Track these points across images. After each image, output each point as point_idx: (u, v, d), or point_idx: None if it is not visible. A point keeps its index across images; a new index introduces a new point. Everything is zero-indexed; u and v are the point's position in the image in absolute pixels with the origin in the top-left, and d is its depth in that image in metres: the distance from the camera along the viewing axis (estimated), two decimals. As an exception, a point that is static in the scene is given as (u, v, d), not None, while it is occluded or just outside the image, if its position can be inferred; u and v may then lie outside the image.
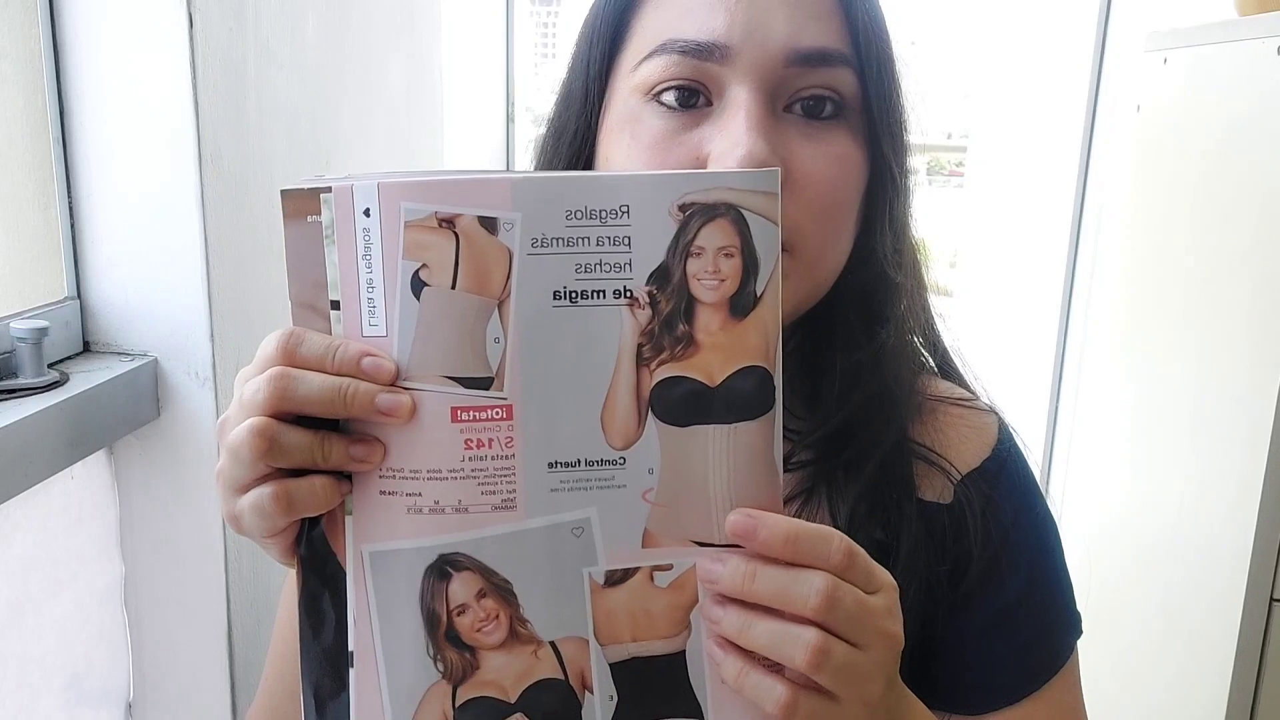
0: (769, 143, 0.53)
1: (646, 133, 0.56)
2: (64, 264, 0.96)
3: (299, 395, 0.43)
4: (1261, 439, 1.19)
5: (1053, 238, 2.31)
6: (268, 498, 0.43)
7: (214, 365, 0.97)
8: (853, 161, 0.57)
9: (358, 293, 0.43)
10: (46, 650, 0.91)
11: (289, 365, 0.43)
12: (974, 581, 0.61)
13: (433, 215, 0.42)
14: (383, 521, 0.44)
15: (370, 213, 0.42)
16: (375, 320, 0.43)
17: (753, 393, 0.44)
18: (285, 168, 1.11)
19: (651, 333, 0.43)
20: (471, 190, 0.42)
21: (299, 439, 0.43)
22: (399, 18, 1.44)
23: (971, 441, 0.65)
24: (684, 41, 0.55)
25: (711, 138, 0.54)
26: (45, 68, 0.92)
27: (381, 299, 0.43)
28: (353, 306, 0.43)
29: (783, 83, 0.55)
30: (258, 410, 0.43)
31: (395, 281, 0.42)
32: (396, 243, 0.42)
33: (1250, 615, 1.22)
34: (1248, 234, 1.28)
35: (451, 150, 1.76)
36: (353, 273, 0.43)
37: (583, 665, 0.46)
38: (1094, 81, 2.17)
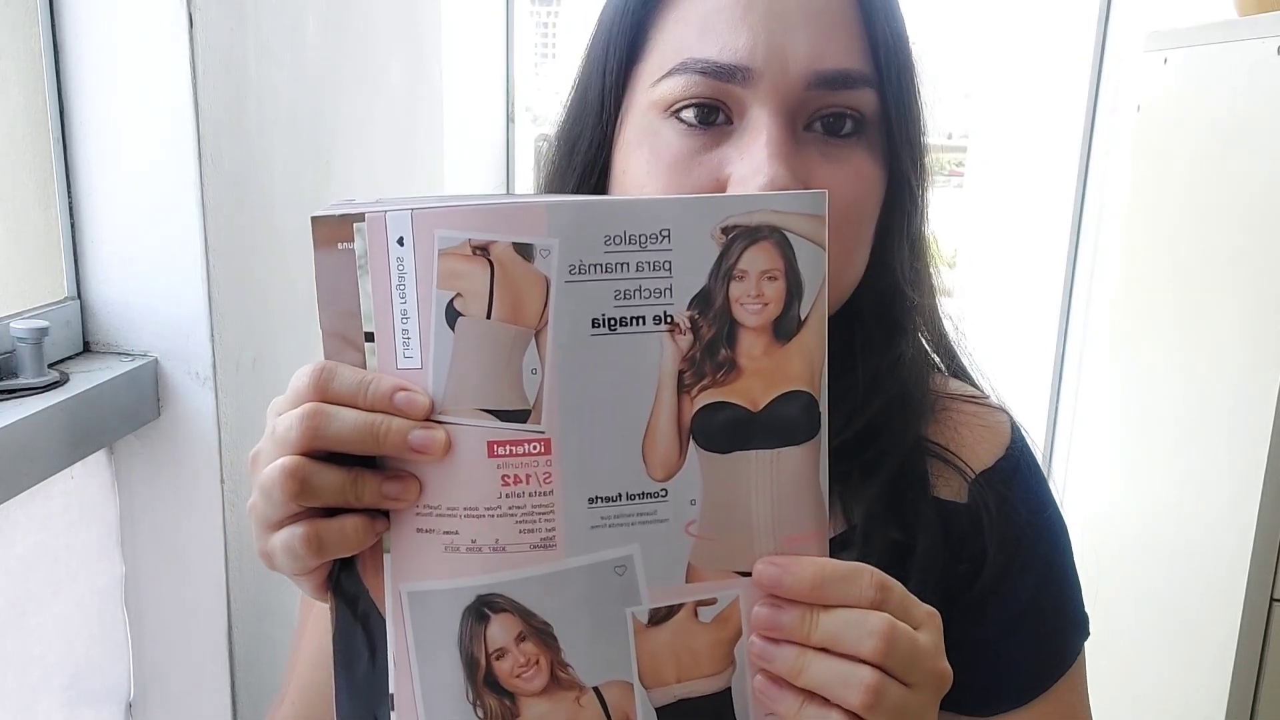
0: (789, 168, 0.53)
1: (666, 150, 0.56)
2: (64, 264, 0.96)
3: (331, 432, 0.42)
4: (1261, 438, 1.19)
5: (1053, 238, 2.31)
6: (299, 539, 0.42)
7: (214, 365, 0.97)
8: (871, 178, 0.57)
9: (392, 324, 0.41)
10: (47, 650, 0.91)
11: (321, 400, 0.42)
12: (988, 582, 0.61)
13: (466, 243, 0.40)
14: (420, 560, 0.43)
15: (404, 241, 0.41)
16: (410, 352, 0.42)
17: (797, 417, 0.43)
18: (285, 168, 1.11)
19: (693, 359, 0.42)
20: (506, 216, 0.40)
21: (332, 478, 0.42)
22: (399, 18, 1.44)
23: (985, 440, 0.65)
24: (704, 62, 0.54)
25: (731, 159, 0.54)
26: (45, 68, 0.92)
27: (416, 330, 0.41)
28: (387, 339, 0.42)
29: (804, 104, 0.54)
30: (290, 448, 0.42)
31: (430, 312, 0.41)
32: (431, 272, 0.41)
33: (1250, 615, 1.22)
34: (1248, 233, 1.28)
35: (451, 150, 1.76)
36: (386, 304, 0.41)
37: (628, 710, 0.44)
38: (1094, 81, 2.17)
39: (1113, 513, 1.66)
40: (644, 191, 0.57)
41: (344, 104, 1.25)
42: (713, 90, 0.54)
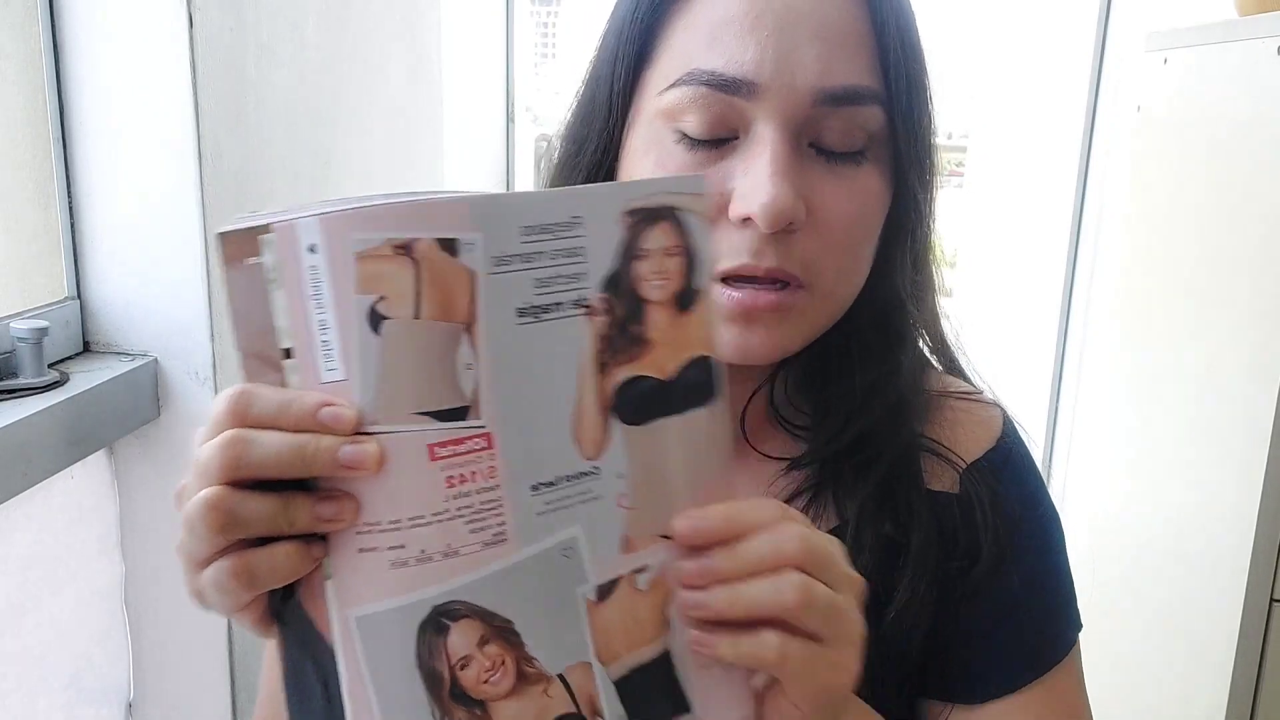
0: (792, 185, 0.53)
1: (671, 161, 0.56)
2: (64, 264, 0.96)
3: (254, 459, 0.39)
4: (1261, 439, 1.19)
5: (1053, 238, 2.31)
6: (227, 573, 0.40)
7: (214, 365, 0.97)
8: (875, 195, 0.57)
9: (311, 337, 0.40)
10: (47, 649, 0.91)
11: (241, 426, 0.40)
12: (981, 572, 0.61)
13: (386, 243, 0.39)
14: (366, 582, 0.41)
15: (316, 249, 0.39)
16: (333, 364, 0.40)
17: (702, 380, 0.46)
18: (285, 168, 1.11)
19: (609, 338, 0.43)
20: (426, 213, 0.40)
21: (259, 506, 0.39)
22: (399, 18, 1.44)
23: (977, 433, 0.65)
24: (710, 74, 0.54)
25: (735, 174, 0.54)
26: (45, 68, 0.92)
27: (337, 341, 0.39)
28: (306, 353, 0.40)
29: (809, 120, 0.54)
30: (211, 479, 0.39)
31: (351, 320, 0.39)
32: (348, 278, 0.39)
33: (1250, 615, 1.22)
34: (1248, 234, 1.28)
35: (451, 150, 1.76)
36: (303, 316, 0.39)
37: (590, 691, 0.44)
38: (1094, 81, 2.17)
39: (1113, 513, 1.66)
40: None
41: (344, 104, 1.25)
42: (718, 103, 0.54)
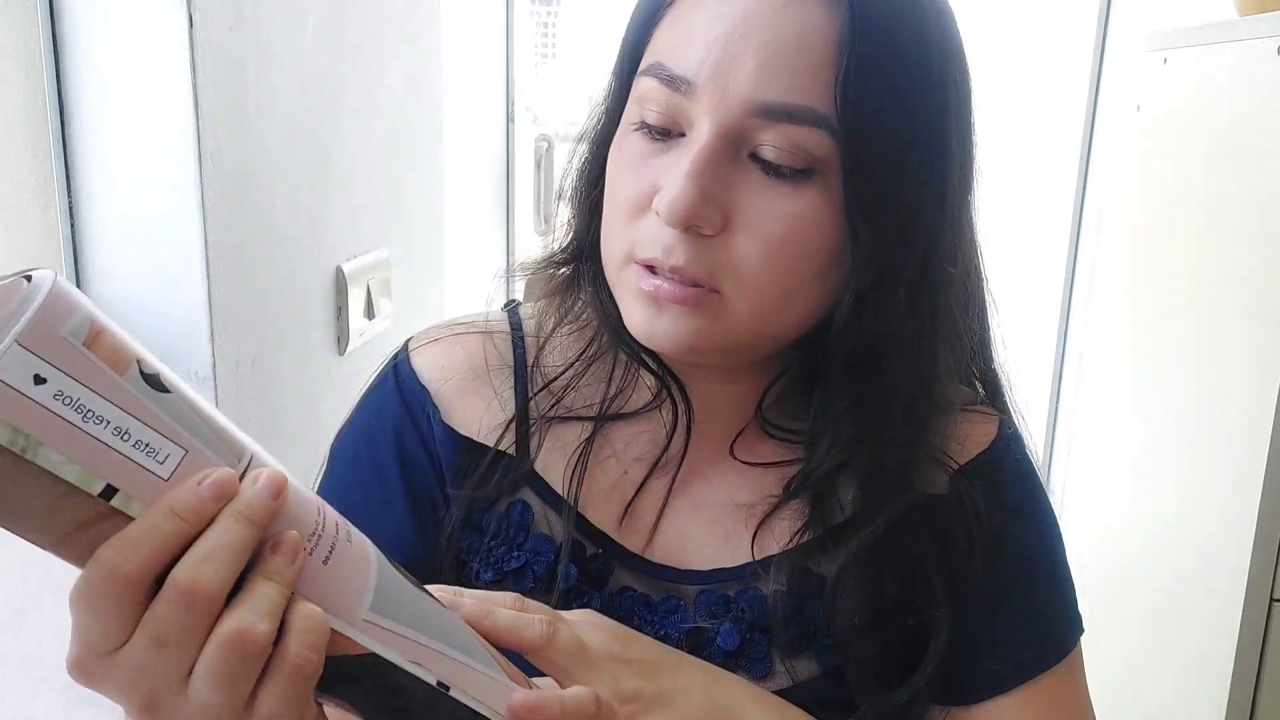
0: (701, 187, 0.53)
1: (628, 150, 0.58)
2: (64, 264, 0.96)
3: (217, 584, 0.36)
4: (1261, 439, 1.19)
5: (1053, 238, 2.31)
6: (306, 675, 0.37)
7: (214, 365, 0.97)
8: (814, 222, 0.54)
9: (121, 454, 0.34)
10: (47, 649, 0.91)
11: (138, 576, 0.35)
12: (971, 572, 0.61)
13: (88, 320, 0.34)
14: (344, 584, 0.41)
15: (43, 377, 0.32)
16: (162, 455, 0.35)
17: None
18: (285, 168, 1.11)
19: None
20: (64, 293, 0.34)
21: (268, 630, 0.36)
22: (399, 18, 1.44)
23: (972, 436, 0.65)
24: (663, 69, 0.55)
25: (668, 170, 0.55)
26: (45, 68, 0.92)
27: (141, 431, 0.35)
28: (130, 471, 0.35)
29: (745, 131, 0.54)
30: (264, 622, 0.36)
31: (139, 402, 0.35)
32: (97, 371, 0.34)
33: (1250, 615, 1.22)
34: (1248, 234, 1.28)
35: (451, 150, 1.76)
36: (93, 444, 0.34)
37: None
38: (1094, 81, 2.17)
39: (1112, 513, 1.66)
40: (609, 183, 0.59)
41: (344, 104, 1.25)
42: (666, 97, 0.55)
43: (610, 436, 0.65)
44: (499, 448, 0.64)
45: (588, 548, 0.63)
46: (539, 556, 0.62)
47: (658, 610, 0.62)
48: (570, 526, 0.62)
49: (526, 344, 0.68)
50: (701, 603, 0.62)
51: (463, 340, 0.67)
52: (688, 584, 0.63)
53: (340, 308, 1.26)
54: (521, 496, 0.64)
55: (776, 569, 0.61)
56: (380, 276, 1.37)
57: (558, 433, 0.65)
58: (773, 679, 0.61)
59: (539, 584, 0.62)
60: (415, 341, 0.69)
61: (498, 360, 0.67)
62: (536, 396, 0.65)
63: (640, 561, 0.63)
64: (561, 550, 0.62)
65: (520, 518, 0.63)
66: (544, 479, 0.64)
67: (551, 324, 0.67)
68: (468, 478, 0.64)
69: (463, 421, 0.65)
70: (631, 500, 0.64)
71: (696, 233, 0.54)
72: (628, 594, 0.63)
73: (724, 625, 0.61)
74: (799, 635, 0.61)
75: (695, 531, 0.64)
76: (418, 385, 0.66)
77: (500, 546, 0.63)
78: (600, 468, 0.65)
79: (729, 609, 0.62)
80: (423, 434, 0.65)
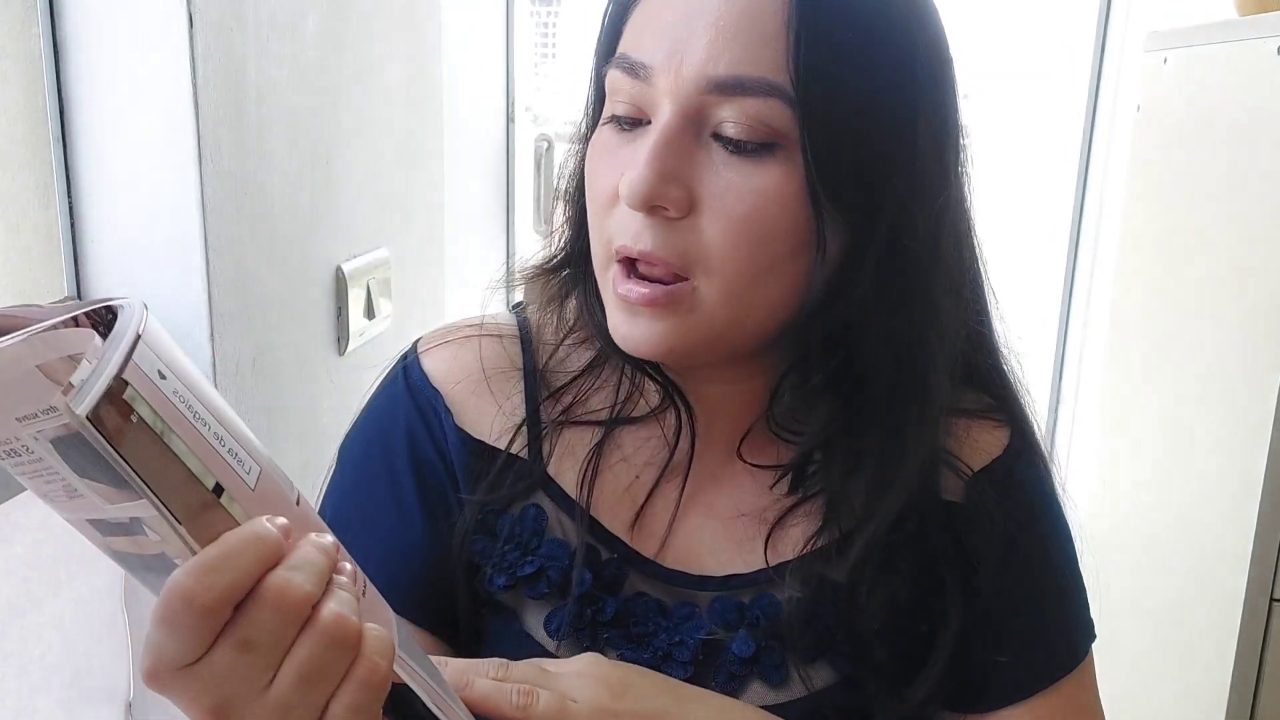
0: (661, 168, 0.53)
1: (601, 143, 0.58)
2: (64, 264, 0.96)
3: (311, 586, 0.38)
4: (1261, 439, 1.19)
5: (1053, 238, 2.31)
6: (376, 683, 0.40)
7: (214, 365, 0.97)
8: (779, 196, 0.54)
9: (221, 458, 0.38)
10: (47, 649, 0.91)
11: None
12: (985, 580, 0.61)
13: (175, 344, 0.38)
14: (378, 612, 0.44)
15: (163, 374, 0.36)
16: (247, 465, 0.39)
17: None
18: (285, 168, 1.11)
19: None
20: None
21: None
22: (399, 18, 1.44)
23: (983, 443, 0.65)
24: (625, 59, 0.56)
25: (631, 158, 0.55)
26: (45, 67, 0.92)
27: (232, 441, 0.38)
28: (230, 476, 0.38)
29: (703, 109, 0.54)
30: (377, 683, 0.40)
31: (225, 417, 0.38)
32: (197, 382, 0.38)
33: (1250, 615, 1.22)
34: (1248, 234, 1.28)
35: (451, 150, 1.76)
36: (204, 443, 0.37)
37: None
38: (1094, 81, 2.17)
39: (1112, 513, 1.66)
40: (587, 181, 0.59)
41: (344, 104, 1.25)
42: (630, 86, 0.55)
43: (620, 440, 0.65)
44: (512, 451, 0.64)
45: (602, 553, 0.63)
46: (554, 561, 0.62)
47: (672, 617, 0.62)
48: (584, 531, 0.62)
49: (535, 347, 0.67)
50: (716, 610, 0.62)
51: (473, 343, 0.67)
52: (702, 590, 0.62)
53: (340, 308, 1.26)
54: (535, 500, 0.63)
55: (791, 576, 0.61)
56: (380, 276, 1.37)
57: (569, 437, 0.65)
58: (788, 687, 0.61)
59: (554, 589, 0.62)
60: (425, 343, 0.68)
61: (508, 363, 0.66)
62: (547, 400, 0.65)
63: (654, 567, 0.63)
64: (576, 555, 0.62)
65: (534, 522, 0.63)
66: (557, 483, 0.64)
67: (551, 330, 0.67)
68: (480, 481, 0.63)
69: (475, 424, 0.64)
70: (643, 505, 0.63)
71: (663, 216, 0.54)
72: (642, 599, 0.62)
73: (739, 633, 0.61)
74: (815, 642, 0.61)
75: (708, 536, 0.64)
76: (430, 388, 0.65)
77: (514, 551, 0.62)
78: (611, 472, 0.64)
79: (743, 617, 0.61)
80: (435, 436, 0.64)
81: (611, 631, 0.61)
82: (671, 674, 0.59)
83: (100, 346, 0.34)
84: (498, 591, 0.62)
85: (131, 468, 0.34)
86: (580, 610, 0.61)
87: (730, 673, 0.60)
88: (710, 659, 0.60)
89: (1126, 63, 2.05)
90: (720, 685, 0.60)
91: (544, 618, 0.62)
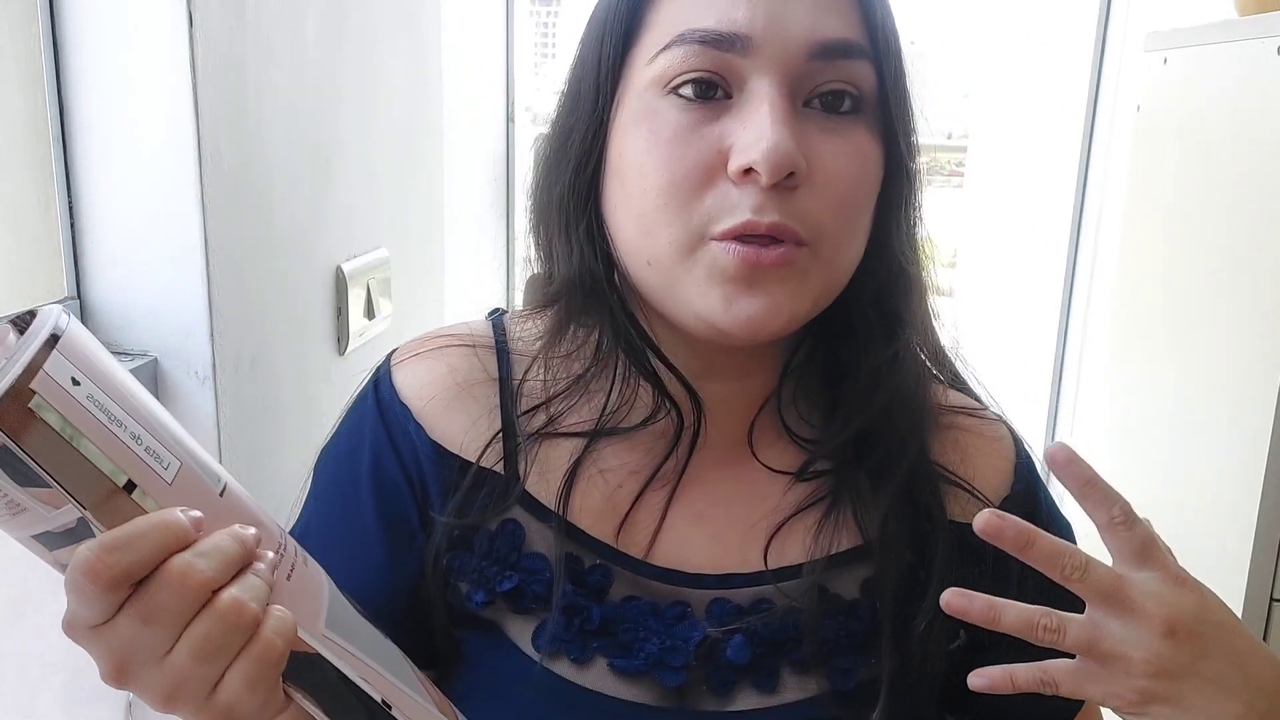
0: (793, 133, 0.53)
1: (665, 126, 0.55)
2: (64, 264, 0.96)
3: (214, 573, 0.41)
4: (1261, 439, 1.19)
5: (1053, 238, 2.31)
6: (272, 660, 0.43)
7: (214, 365, 0.97)
8: (870, 156, 0.56)
9: (137, 456, 0.40)
10: (46, 648, 0.91)
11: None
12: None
13: (101, 347, 0.42)
14: (300, 598, 0.46)
15: (77, 380, 0.39)
16: (165, 463, 0.42)
17: None
18: (285, 168, 1.11)
19: None
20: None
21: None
22: (399, 18, 1.44)
23: (991, 459, 0.65)
24: (703, 31, 0.54)
25: (733, 131, 0.54)
26: (45, 68, 0.92)
27: (151, 439, 0.41)
28: (145, 473, 0.41)
29: (804, 76, 0.54)
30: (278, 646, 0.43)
31: (145, 416, 0.41)
32: (116, 384, 0.40)
33: (1250, 615, 1.22)
34: (1248, 234, 1.28)
35: (451, 150, 1.76)
36: (118, 444, 0.40)
37: None
38: (1094, 81, 2.17)
39: (1113, 513, 1.66)
40: (642, 171, 0.56)
41: (344, 104, 1.25)
42: (712, 62, 0.54)
43: (601, 453, 0.63)
44: (487, 465, 0.62)
45: (585, 560, 0.61)
46: (535, 576, 0.60)
47: (664, 618, 0.60)
48: (562, 542, 0.60)
49: (512, 359, 0.65)
50: (714, 612, 0.60)
51: (447, 354, 0.65)
52: (696, 588, 0.61)
53: (340, 308, 1.26)
54: (512, 515, 0.62)
55: (793, 585, 0.60)
56: (380, 276, 1.37)
57: (547, 449, 0.63)
58: (779, 693, 0.60)
59: (539, 603, 0.60)
60: (398, 356, 0.66)
61: (483, 374, 0.64)
62: (524, 414, 0.63)
63: (643, 567, 0.61)
64: (556, 568, 0.60)
65: (511, 537, 0.61)
66: (534, 496, 0.62)
67: (531, 341, 0.65)
68: (455, 494, 0.62)
69: (448, 438, 0.63)
70: (629, 511, 0.62)
71: (784, 187, 0.53)
72: (632, 604, 0.61)
73: (735, 638, 0.59)
74: (813, 653, 0.60)
75: (700, 538, 0.62)
76: (398, 404, 0.64)
77: (492, 566, 0.61)
78: (592, 483, 0.62)
79: (741, 620, 0.60)
80: (401, 455, 0.63)
81: (600, 639, 0.60)
82: (663, 680, 0.59)
83: (13, 345, 0.38)
84: (476, 607, 0.61)
85: (38, 464, 0.37)
86: (567, 621, 0.59)
87: (724, 679, 0.60)
88: (704, 664, 0.59)
89: (1126, 63, 2.05)
90: (712, 691, 0.59)
91: (530, 631, 0.60)
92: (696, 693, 0.59)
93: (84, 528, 0.39)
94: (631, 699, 0.59)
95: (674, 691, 0.59)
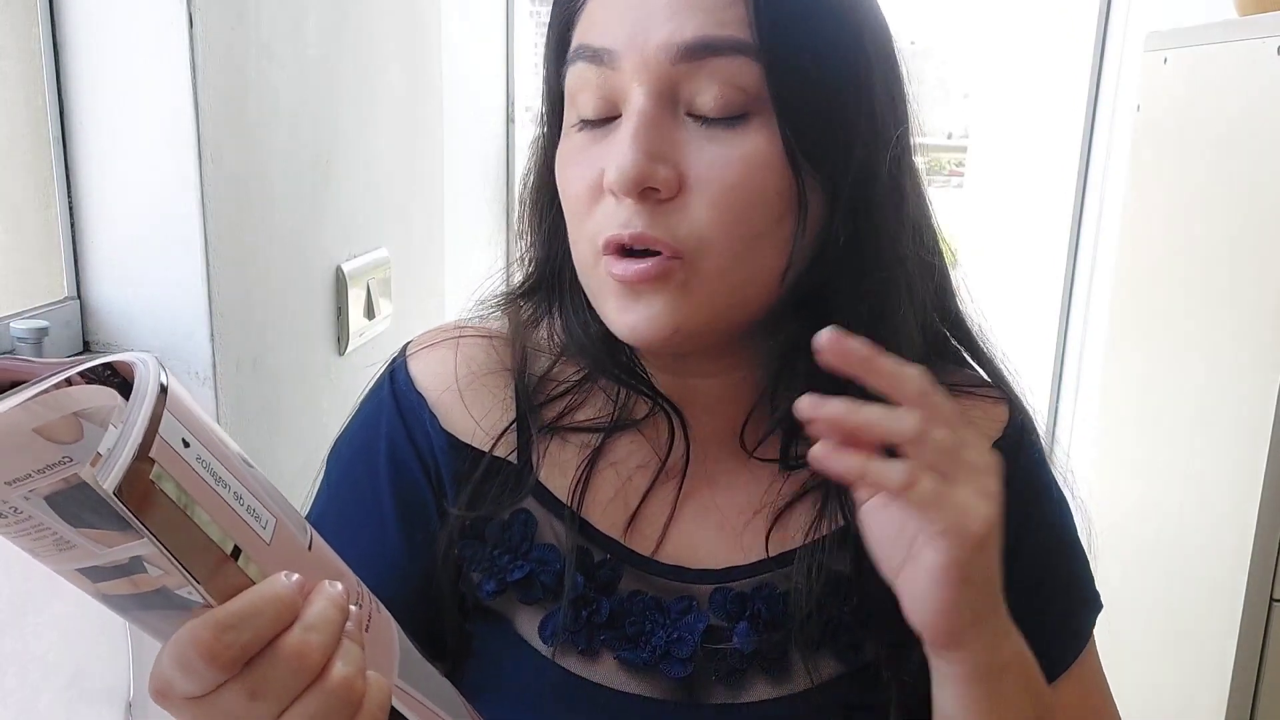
0: (646, 149, 0.52)
1: (571, 149, 0.57)
2: (64, 264, 0.96)
3: (326, 647, 0.40)
4: (1261, 439, 1.19)
5: (1053, 237, 2.31)
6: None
7: (214, 365, 0.97)
8: (761, 160, 0.54)
9: (241, 521, 0.38)
10: (47, 649, 0.91)
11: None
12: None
13: (195, 402, 0.38)
14: (377, 646, 0.46)
15: (187, 441, 0.36)
16: (263, 522, 0.39)
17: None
18: (285, 168, 1.11)
19: None
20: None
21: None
22: (399, 18, 1.44)
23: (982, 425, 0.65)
24: (586, 48, 0.55)
25: (609, 150, 0.54)
26: (45, 68, 0.92)
27: (251, 498, 0.39)
28: (249, 538, 0.39)
29: (676, 83, 0.53)
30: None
31: (244, 473, 0.39)
32: (218, 442, 0.38)
33: (1250, 615, 1.22)
34: (1248, 233, 1.28)
35: (451, 150, 1.76)
36: (227, 509, 0.38)
37: None
38: (1094, 81, 2.17)
39: (1112, 513, 1.66)
40: (560, 185, 0.58)
41: (344, 104, 1.25)
42: (595, 77, 0.55)
43: (612, 447, 0.64)
44: (501, 455, 0.63)
45: (595, 554, 0.62)
46: (545, 566, 0.61)
47: (669, 613, 0.61)
48: (574, 535, 0.61)
49: (527, 350, 0.66)
50: (716, 601, 0.61)
51: (463, 344, 0.66)
52: (700, 584, 0.62)
53: (340, 308, 1.26)
54: (524, 505, 0.62)
55: (794, 566, 0.60)
56: (380, 276, 1.37)
57: (560, 442, 0.64)
58: (791, 681, 0.60)
59: (547, 593, 0.61)
60: (414, 346, 0.67)
61: (498, 365, 0.65)
62: (537, 406, 0.64)
63: (650, 564, 0.62)
64: (568, 559, 0.61)
65: (524, 527, 0.62)
66: (547, 488, 0.63)
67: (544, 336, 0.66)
68: (468, 484, 0.62)
69: (462, 428, 0.63)
70: (638, 507, 0.63)
71: (653, 199, 0.53)
72: (638, 598, 0.61)
73: (739, 625, 0.60)
74: (819, 633, 0.60)
75: (706, 532, 0.63)
76: (414, 393, 0.64)
77: (504, 555, 0.62)
78: (602, 476, 0.63)
79: (745, 608, 0.61)
80: (417, 444, 0.63)
81: (607, 632, 0.60)
82: (669, 672, 0.59)
83: (124, 409, 0.34)
84: (486, 598, 0.62)
85: (155, 536, 0.34)
86: (575, 613, 0.60)
87: (731, 668, 0.60)
88: (711, 654, 0.60)
89: (1126, 63, 2.05)
90: (721, 682, 0.60)
91: (538, 623, 0.61)
92: (705, 684, 0.60)
93: (136, 564, 0.36)
94: (641, 693, 0.59)
95: (682, 683, 0.60)
